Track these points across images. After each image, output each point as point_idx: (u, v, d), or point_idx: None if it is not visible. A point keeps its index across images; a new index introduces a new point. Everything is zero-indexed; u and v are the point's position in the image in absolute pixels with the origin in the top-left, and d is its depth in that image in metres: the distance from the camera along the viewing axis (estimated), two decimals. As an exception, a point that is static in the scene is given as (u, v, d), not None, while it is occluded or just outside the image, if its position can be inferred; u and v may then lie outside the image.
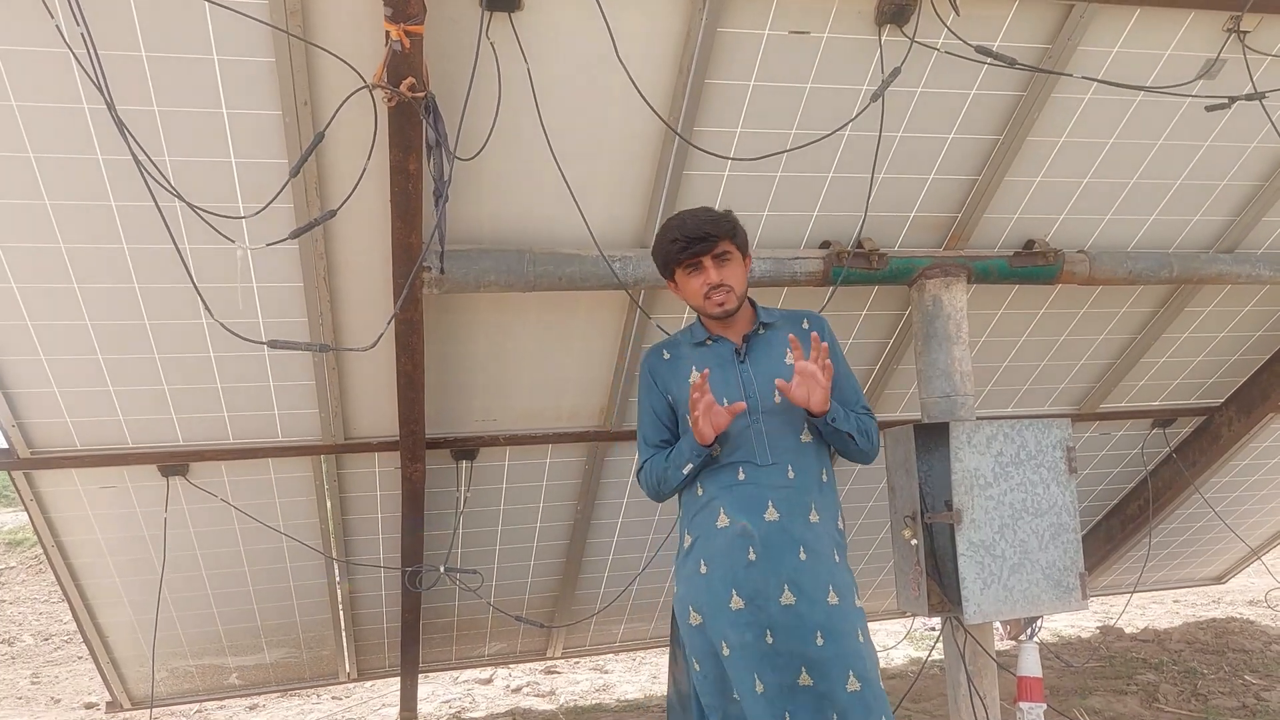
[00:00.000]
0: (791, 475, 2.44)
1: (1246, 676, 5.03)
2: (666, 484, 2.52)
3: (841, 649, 2.34)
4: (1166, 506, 5.04)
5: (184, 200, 2.34)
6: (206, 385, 3.27)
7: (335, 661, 4.57)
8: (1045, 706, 3.21)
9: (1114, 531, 5.23)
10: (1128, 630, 6.27)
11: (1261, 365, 4.44)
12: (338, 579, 4.17)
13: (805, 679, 2.34)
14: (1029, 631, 3.25)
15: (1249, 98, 2.96)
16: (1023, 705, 3.17)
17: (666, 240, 2.47)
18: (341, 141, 2.67)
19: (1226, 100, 2.97)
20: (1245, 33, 3.00)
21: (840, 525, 2.54)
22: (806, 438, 2.48)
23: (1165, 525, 5.35)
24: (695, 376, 2.39)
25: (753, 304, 2.60)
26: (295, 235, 2.50)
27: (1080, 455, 4.66)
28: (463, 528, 4.02)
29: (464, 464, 3.80)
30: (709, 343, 2.56)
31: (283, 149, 2.70)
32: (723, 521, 2.44)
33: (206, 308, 2.45)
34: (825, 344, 2.35)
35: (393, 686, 5.11)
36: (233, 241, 2.68)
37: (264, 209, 2.54)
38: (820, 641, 2.34)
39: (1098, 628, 6.41)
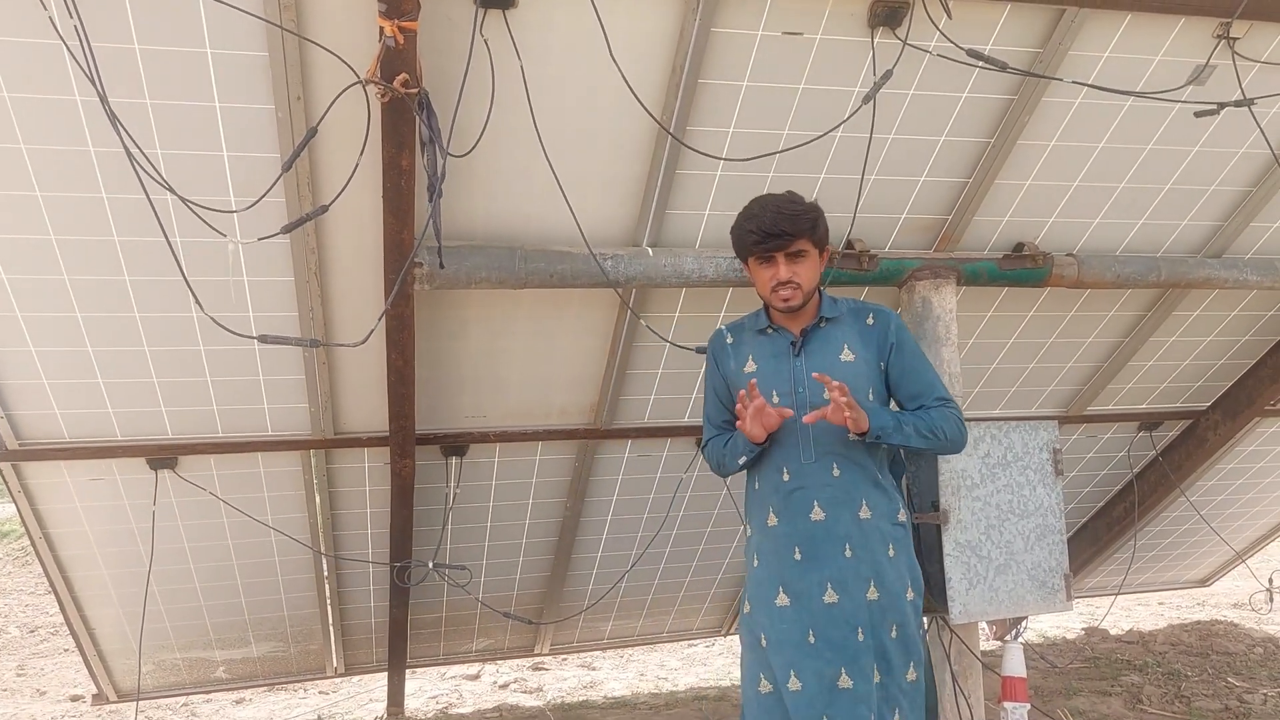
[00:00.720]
0: (837, 473, 2.45)
1: (1230, 679, 5.06)
2: (725, 468, 2.62)
3: (874, 642, 2.38)
4: (1152, 509, 5.07)
5: (175, 193, 2.34)
6: (196, 379, 3.26)
7: (322, 656, 4.57)
8: (1029, 706, 3.22)
9: (1100, 533, 5.26)
10: (1113, 632, 6.30)
11: (1247, 370, 4.47)
12: (325, 573, 4.16)
13: (845, 680, 2.36)
14: (1014, 632, 3.27)
15: (1238, 104, 2.98)
16: (1007, 705, 3.19)
17: (744, 228, 2.45)
18: (334, 137, 2.67)
19: (1215, 107, 2.99)
20: (1235, 39, 3.02)
21: (900, 519, 2.53)
22: (855, 436, 2.45)
23: (1151, 528, 5.38)
24: (750, 365, 2.50)
25: (821, 294, 2.57)
26: (287, 230, 2.51)
27: (1067, 457, 4.68)
28: (452, 524, 4.02)
29: (454, 460, 3.81)
30: (769, 331, 2.56)
31: (275, 143, 2.70)
32: (771, 521, 2.50)
33: (197, 301, 2.45)
34: (840, 384, 2.28)
35: (380, 682, 5.11)
36: (224, 235, 2.68)
37: (256, 203, 2.54)
38: (860, 637, 2.38)
39: (1083, 629, 6.44)
